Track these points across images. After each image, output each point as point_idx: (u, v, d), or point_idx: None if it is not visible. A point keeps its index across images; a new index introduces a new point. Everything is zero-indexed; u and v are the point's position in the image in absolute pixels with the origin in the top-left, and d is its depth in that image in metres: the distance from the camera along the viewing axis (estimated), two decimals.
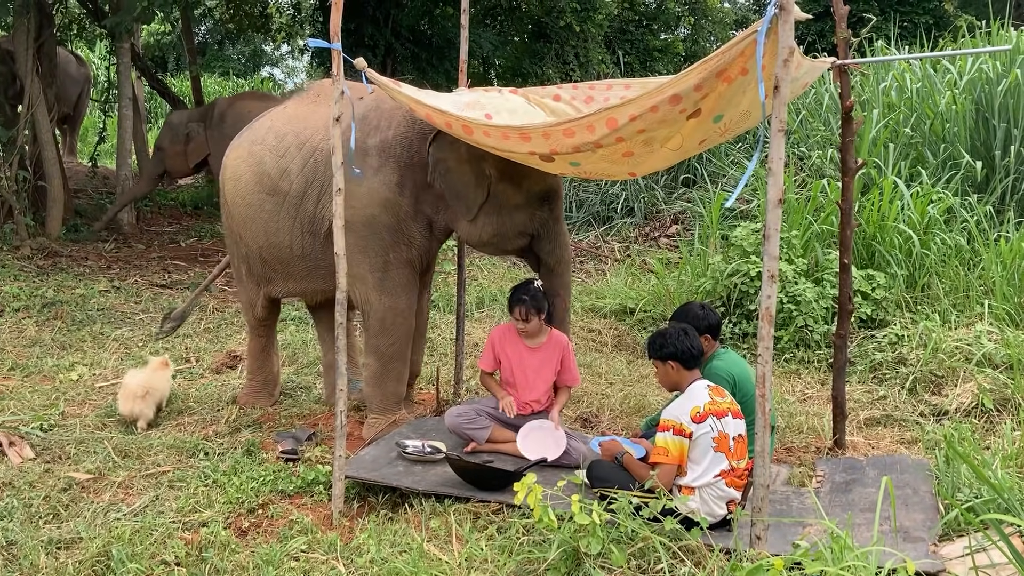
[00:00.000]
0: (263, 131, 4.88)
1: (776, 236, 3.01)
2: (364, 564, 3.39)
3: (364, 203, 4.43)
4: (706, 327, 4.04)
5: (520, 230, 4.46)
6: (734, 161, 9.82)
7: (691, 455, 3.50)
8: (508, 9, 14.14)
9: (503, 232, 4.45)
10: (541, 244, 4.53)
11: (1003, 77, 7.83)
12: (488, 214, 4.40)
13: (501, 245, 4.59)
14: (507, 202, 4.38)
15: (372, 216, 4.44)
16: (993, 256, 6.36)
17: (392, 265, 4.52)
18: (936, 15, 16.47)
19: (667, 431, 3.48)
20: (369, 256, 4.48)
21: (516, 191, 4.37)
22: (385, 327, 4.57)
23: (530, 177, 4.34)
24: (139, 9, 8.63)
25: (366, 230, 4.45)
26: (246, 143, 4.95)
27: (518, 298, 4.38)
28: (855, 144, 4.29)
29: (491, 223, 4.42)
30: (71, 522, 3.77)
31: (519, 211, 4.41)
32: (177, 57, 21.18)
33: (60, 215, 9.70)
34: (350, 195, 4.37)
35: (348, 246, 4.40)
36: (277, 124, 4.84)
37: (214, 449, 4.62)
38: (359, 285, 4.53)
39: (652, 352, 3.71)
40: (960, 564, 3.17)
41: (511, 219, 4.42)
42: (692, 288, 6.99)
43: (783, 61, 2.90)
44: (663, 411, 3.61)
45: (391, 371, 4.67)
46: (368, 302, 4.57)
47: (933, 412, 5.03)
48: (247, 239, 4.94)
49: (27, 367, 5.91)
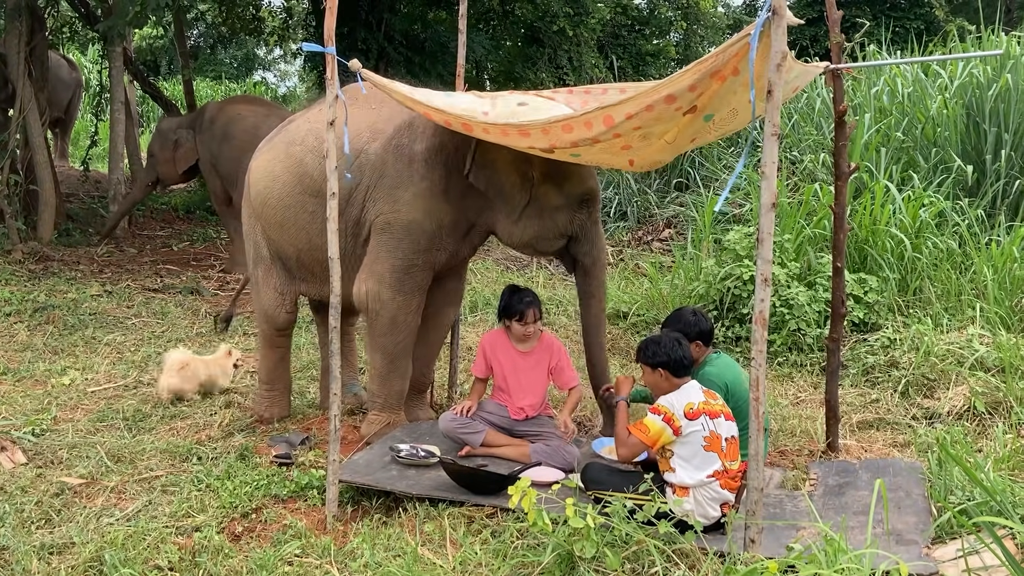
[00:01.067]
0: (301, 133, 4.79)
1: (770, 240, 3.01)
2: (358, 568, 3.38)
3: (408, 208, 4.42)
4: (697, 333, 4.03)
5: (560, 232, 4.47)
6: (727, 165, 9.85)
7: (680, 453, 3.51)
8: (501, 13, 14.14)
9: (543, 234, 4.47)
10: (579, 246, 4.55)
11: (994, 82, 7.87)
12: (530, 216, 4.42)
13: (540, 247, 4.61)
14: (548, 204, 4.40)
15: (413, 221, 4.43)
16: (984, 260, 6.38)
17: (417, 268, 4.51)
18: (927, 20, 16.59)
19: (658, 415, 3.50)
20: (395, 257, 4.46)
21: (558, 193, 4.39)
22: (396, 325, 4.56)
23: (571, 180, 4.39)
24: (132, 13, 8.59)
25: (403, 233, 4.44)
26: (281, 144, 4.88)
27: (526, 301, 4.40)
28: (847, 148, 4.30)
29: (532, 225, 4.43)
30: (63, 527, 3.75)
31: (560, 212, 4.42)
32: (170, 61, 21.19)
33: (52, 219, 9.67)
34: (395, 200, 4.43)
35: (379, 244, 4.47)
36: (317, 126, 4.67)
37: (207, 453, 4.61)
38: (372, 282, 4.50)
39: (644, 358, 3.70)
40: (953, 567, 3.18)
41: (552, 221, 4.43)
42: (685, 292, 7.01)
43: (776, 65, 2.91)
44: (659, 399, 3.61)
45: (397, 368, 4.67)
46: (380, 300, 4.51)
47: (925, 415, 5.04)
48: (282, 241, 4.87)
49: (19, 372, 5.89)
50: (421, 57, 12.98)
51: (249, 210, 5.08)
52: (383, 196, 4.46)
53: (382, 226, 4.47)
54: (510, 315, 4.44)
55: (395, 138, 4.49)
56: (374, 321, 4.59)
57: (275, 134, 5.08)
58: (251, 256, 5.16)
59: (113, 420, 5.07)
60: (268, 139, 5.12)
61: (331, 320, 3.84)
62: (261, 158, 4.99)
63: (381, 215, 4.47)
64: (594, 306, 4.65)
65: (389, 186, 4.45)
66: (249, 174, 5.04)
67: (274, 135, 5.08)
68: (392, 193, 4.44)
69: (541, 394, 4.51)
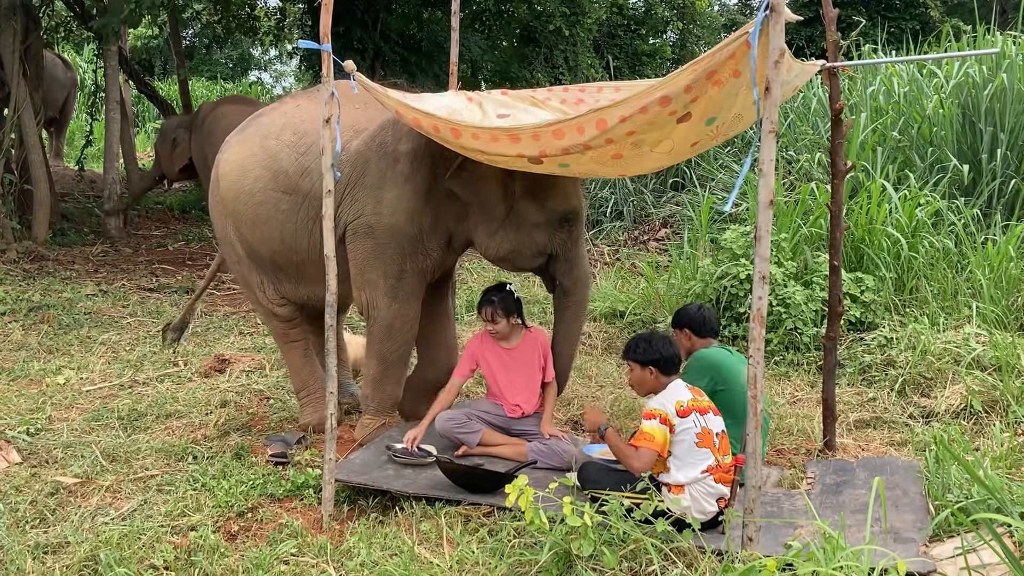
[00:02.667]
0: (276, 127, 4.64)
1: (767, 237, 3.01)
2: (355, 567, 3.37)
3: (391, 210, 4.33)
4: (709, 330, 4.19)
5: (538, 249, 4.34)
6: (723, 165, 9.85)
7: (674, 451, 3.52)
8: (496, 13, 14.15)
9: (520, 249, 4.34)
10: (557, 265, 4.41)
11: (989, 81, 7.88)
12: (507, 230, 4.29)
13: (517, 262, 4.47)
14: (528, 219, 4.27)
15: (396, 224, 4.34)
16: (980, 259, 6.39)
17: (407, 274, 4.43)
18: (922, 21, 16.62)
19: (653, 419, 3.49)
20: (385, 263, 4.39)
21: (538, 210, 4.26)
22: (392, 333, 4.52)
23: (553, 197, 4.26)
24: (126, 12, 8.59)
25: (387, 237, 4.35)
26: (255, 137, 4.68)
27: (486, 299, 4.41)
28: (843, 147, 4.30)
29: (509, 239, 4.31)
30: (58, 526, 3.73)
31: (538, 230, 4.29)
32: (165, 61, 21.15)
33: (47, 219, 9.65)
34: (378, 201, 4.32)
35: (365, 251, 4.38)
36: (295, 121, 4.60)
37: (203, 453, 4.59)
38: (369, 289, 4.44)
39: (635, 356, 3.69)
40: (951, 565, 3.18)
41: (530, 237, 4.30)
42: (681, 291, 7.00)
43: (774, 63, 2.90)
44: (648, 402, 3.62)
45: (391, 375, 4.64)
46: (376, 307, 4.47)
47: (922, 414, 5.05)
48: (254, 240, 4.72)
49: (13, 371, 5.87)
50: (417, 57, 12.98)
51: (221, 207, 4.85)
52: (364, 196, 4.36)
53: (365, 230, 4.36)
54: (477, 310, 4.45)
55: (378, 136, 4.37)
56: (371, 327, 4.55)
57: (245, 126, 4.88)
58: (230, 256, 4.98)
59: (108, 419, 5.06)
60: (238, 130, 4.89)
61: (327, 318, 3.81)
62: (231, 150, 4.78)
63: (362, 216, 4.36)
64: (569, 323, 4.53)
65: (371, 185, 4.34)
66: (218, 167, 4.82)
67: (245, 127, 4.87)
68: (374, 193, 4.33)
69: (535, 390, 4.49)
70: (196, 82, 21.38)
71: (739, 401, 3.69)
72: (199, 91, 21.09)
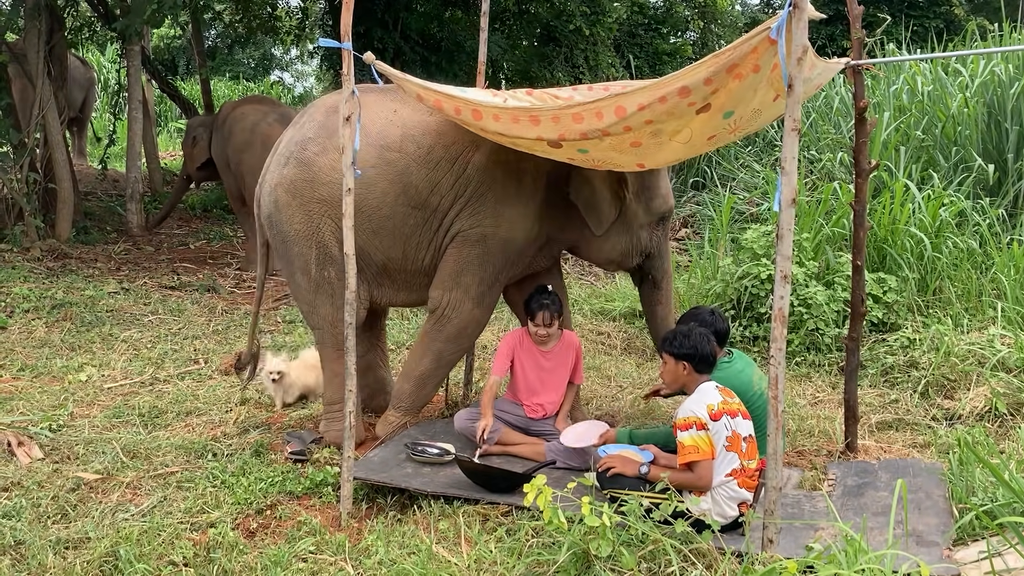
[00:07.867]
0: (394, 138, 4.32)
1: (789, 236, 2.98)
2: (372, 566, 3.37)
3: (509, 225, 4.38)
4: (713, 332, 4.00)
5: (643, 248, 4.65)
6: (744, 164, 9.80)
7: None
8: (517, 13, 14.13)
9: (630, 250, 4.62)
10: (652, 261, 4.73)
11: (1015, 80, 7.78)
12: (618, 232, 4.52)
13: (624, 263, 4.71)
14: (636, 221, 4.53)
15: (511, 238, 4.40)
16: (1005, 260, 6.31)
17: (498, 284, 4.53)
18: (947, 19, 16.45)
19: (690, 428, 3.42)
20: (485, 270, 4.42)
21: (645, 211, 4.53)
22: (462, 336, 4.56)
23: (657, 197, 4.55)
24: (148, 12, 8.65)
25: (498, 248, 4.39)
26: (374, 147, 4.29)
27: (541, 304, 4.39)
28: (867, 146, 4.25)
29: (620, 241, 4.56)
30: (79, 522, 3.76)
31: (644, 230, 4.59)
32: (187, 61, 21.29)
33: (70, 217, 9.73)
34: (498, 215, 4.36)
35: (470, 256, 4.39)
36: (414, 132, 4.33)
37: (222, 450, 4.61)
38: (458, 291, 4.42)
39: (671, 348, 3.63)
40: (975, 569, 3.13)
41: (637, 237, 4.58)
42: (702, 291, 6.96)
43: (797, 59, 2.88)
44: (678, 411, 3.56)
45: (438, 376, 4.69)
46: (458, 309, 4.45)
47: (945, 416, 4.99)
48: (371, 248, 4.37)
49: (36, 368, 5.92)
50: (437, 56, 13.00)
51: (319, 207, 4.39)
52: (485, 210, 4.33)
53: (477, 238, 4.36)
54: (528, 314, 4.43)
55: (501, 151, 4.20)
56: (443, 326, 4.51)
57: (332, 129, 4.31)
58: (309, 259, 4.47)
59: (129, 416, 5.09)
60: (329, 134, 4.38)
61: (346, 316, 3.82)
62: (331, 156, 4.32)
63: (479, 227, 4.35)
64: (664, 317, 4.79)
65: (495, 201, 4.33)
66: (322, 174, 4.36)
67: (332, 131, 4.33)
68: (496, 208, 4.34)
69: (563, 392, 4.54)
70: (218, 82, 21.53)
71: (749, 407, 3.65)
72: (221, 91, 21.23)
